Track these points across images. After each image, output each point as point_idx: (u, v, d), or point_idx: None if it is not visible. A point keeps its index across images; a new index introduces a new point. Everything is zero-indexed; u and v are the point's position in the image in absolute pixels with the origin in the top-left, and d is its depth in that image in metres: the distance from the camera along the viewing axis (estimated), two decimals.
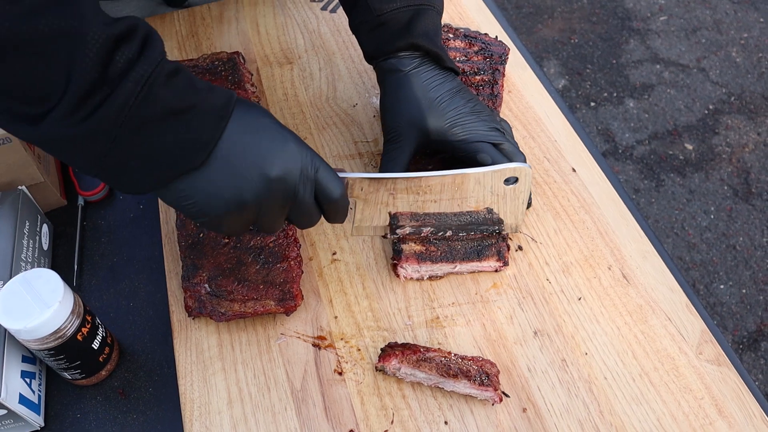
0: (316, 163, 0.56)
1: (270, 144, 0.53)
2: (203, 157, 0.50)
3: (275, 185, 0.53)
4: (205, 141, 0.50)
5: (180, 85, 0.49)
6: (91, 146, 0.46)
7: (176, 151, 0.49)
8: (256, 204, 0.54)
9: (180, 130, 0.49)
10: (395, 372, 0.63)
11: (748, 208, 2.05)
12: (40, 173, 0.78)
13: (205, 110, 0.50)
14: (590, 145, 0.85)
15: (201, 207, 0.52)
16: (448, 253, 0.71)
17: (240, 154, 0.52)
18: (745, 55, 2.49)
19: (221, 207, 0.53)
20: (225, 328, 0.69)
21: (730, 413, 0.64)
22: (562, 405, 0.64)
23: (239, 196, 0.52)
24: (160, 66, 0.47)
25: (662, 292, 0.72)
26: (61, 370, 0.66)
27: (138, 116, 0.46)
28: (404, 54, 0.71)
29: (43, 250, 0.77)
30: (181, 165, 0.50)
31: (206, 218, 0.54)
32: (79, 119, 0.44)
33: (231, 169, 0.51)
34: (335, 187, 0.58)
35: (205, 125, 0.50)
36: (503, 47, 0.90)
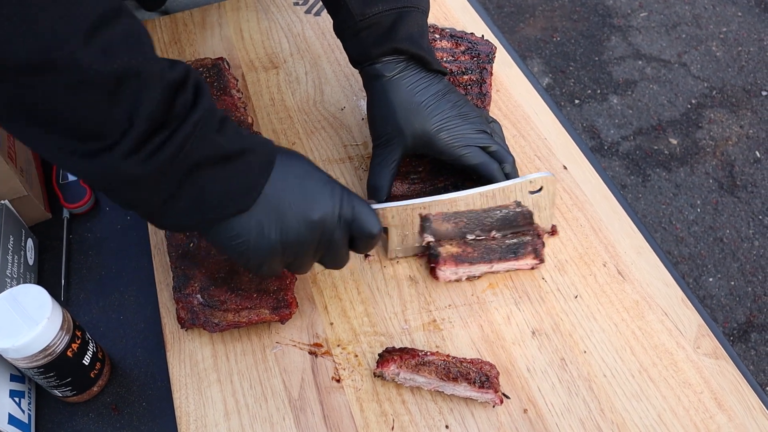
0: (352, 202, 0.58)
1: (311, 187, 0.56)
2: (253, 200, 0.53)
3: (316, 228, 0.56)
4: (254, 184, 0.53)
5: (230, 131, 0.51)
6: (146, 185, 0.48)
7: (227, 194, 0.51)
8: (297, 246, 0.56)
9: (232, 174, 0.51)
10: (394, 377, 0.63)
11: (734, 201, 2.07)
12: (23, 186, 0.76)
13: (255, 155, 0.53)
14: (580, 141, 0.85)
15: (248, 246, 0.54)
16: (485, 254, 0.71)
17: (284, 198, 0.54)
18: (725, 49, 2.52)
19: (267, 247, 0.55)
20: (219, 338, 0.68)
21: (729, 406, 0.64)
22: (563, 404, 0.64)
23: (284, 237, 0.55)
24: (213, 112, 0.50)
25: (657, 287, 0.72)
26: (51, 387, 0.64)
27: (194, 159, 0.48)
28: (388, 59, 0.71)
29: (29, 265, 0.75)
30: (231, 207, 0.52)
31: (253, 257, 0.55)
32: (140, 159, 0.46)
33: (276, 211, 0.54)
34: (373, 224, 0.59)
35: (255, 169, 0.53)
36: (490, 46, 0.90)
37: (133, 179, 0.47)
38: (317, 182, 0.56)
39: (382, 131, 0.72)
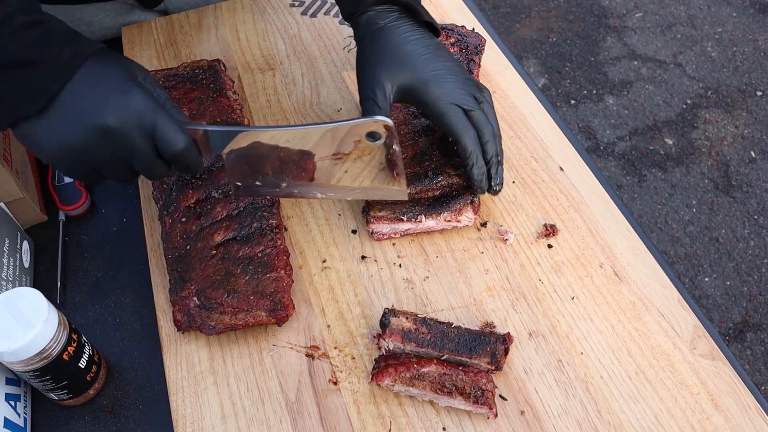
0: (154, 114, 0.57)
1: (107, 95, 0.56)
2: (39, 106, 0.54)
3: (107, 135, 0.56)
4: (42, 92, 0.54)
5: (31, 38, 0.53)
6: None
7: (17, 99, 0.54)
8: (87, 151, 0.57)
9: (21, 80, 0.53)
10: (389, 388, 0.62)
11: (729, 201, 2.07)
12: (18, 189, 0.76)
13: (49, 63, 0.54)
14: (576, 143, 0.85)
15: (40, 149, 0.57)
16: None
17: (77, 105, 0.55)
18: (720, 50, 2.52)
19: (56, 152, 0.56)
20: (216, 341, 0.68)
21: (726, 407, 0.64)
22: (560, 406, 0.64)
23: (68, 142, 0.56)
24: (13, 18, 0.52)
25: (654, 288, 0.72)
26: (47, 391, 0.64)
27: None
28: (381, 8, 0.72)
29: (25, 268, 0.75)
30: (19, 111, 0.55)
31: (48, 160, 0.58)
32: None
33: (66, 118, 0.55)
34: (175, 140, 0.58)
35: (46, 77, 0.54)
36: (479, 38, 0.91)
37: None
38: (116, 91, 0.56)
39: (370, 80, 0.70)
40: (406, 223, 0.73)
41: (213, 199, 0.73)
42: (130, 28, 1.00)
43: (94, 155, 0.57)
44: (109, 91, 0.56)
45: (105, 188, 0.86)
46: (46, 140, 0.56)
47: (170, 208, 0.73)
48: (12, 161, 0.77)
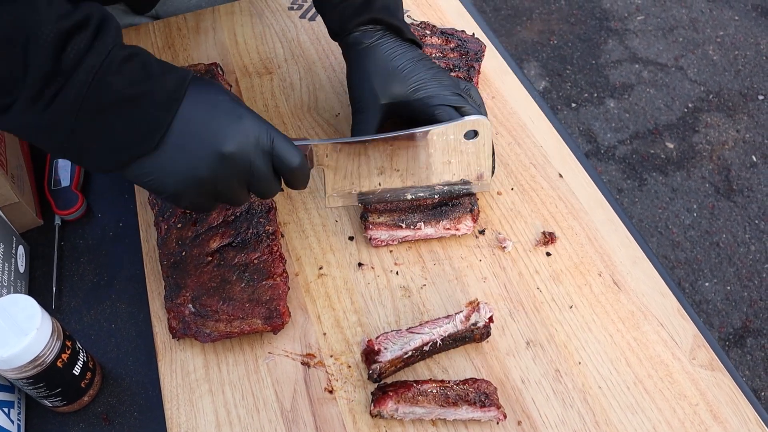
0: (271, 135, 0.58)
1: (222, 120, 0.55)
2: (156, 140, 0.53)
3: (229, 160, 0.55)
4: (156, 125, 0.53)
5: (134, 71, 0.51)
6: (54, 133, 0.50)
7: (130, 136, 0.52)
8: (211, 179, 0.56)
9: (132, 116, 0.51)
10: (393, 414, 0.61)
11: (730, 205, 2.07)
12: (13, 193, 0.75)
13: (156, 96, 0.52)
14: (576, 149, 0.85)
15: (158, 184, 0.55)
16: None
17: (191, 134, 0.54)
18: (721, 53, 2.52)
19: (177, 184, 0.55)
20: (211, 348, 0.68)
21: (725, 418, 0.63)
22: (558, 416, 0.63)
23: (193, 173, 0.55)
24: (113, 54, 0.50)
25: (653, 297, 0.71)
26: (41, 398, 0.64)
27: (92, 104, 0.49)
28: (366, 28, 0.74)
29: (20, 273, 0.75)
30: (135, 149, 0.53)
31: (165, 194, 0.56)
32: (40, 109, 0.48)
33: (183, 148, 0.54)
34: (293, 156, 0.59)
35: (156, 110, 0.53)
36: (479, 44, 0.90)
37: (40, 129, 0.49)
38: (230, 115, 0.56)
39: (360, 96, 0.74)
40: (404, 230, 0.73)
41: None
42: (128, 32, 0.99)
43: (216, 182, 0.56)
44: (224, 116, 0.56)
45: (101, 192, 0.85)
46: (168, 174, 0.54)
47: (166, 214, 0.72)
48: (7, 165, 0.77)
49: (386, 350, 0.62)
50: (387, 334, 0.64)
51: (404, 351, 0.62)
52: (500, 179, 0.81)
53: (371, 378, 0.63)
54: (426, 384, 0.61)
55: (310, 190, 0.80)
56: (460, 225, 0.73)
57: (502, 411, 0.61)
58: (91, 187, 0.86)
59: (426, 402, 0.60)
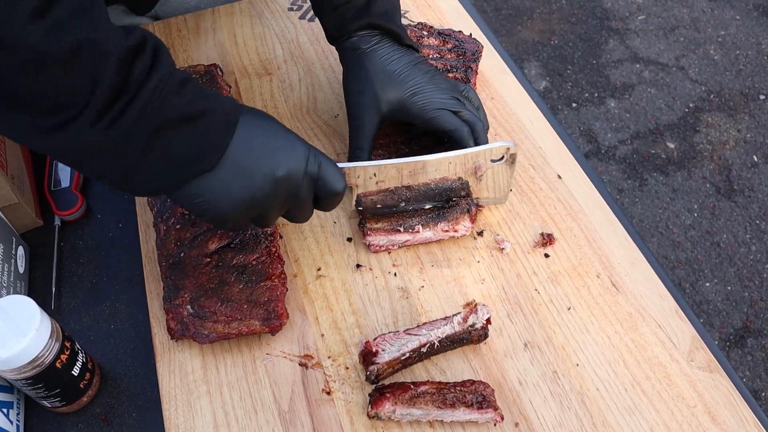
0: (318, 159, 0.60)
1: (275, 145, 0.57)
2: (216, 159, 0.54)
3: (281, 184, 0.57)
4: (217, 145, 0.54)
5: (191, 93, 0.52)
6: (113, 152, 0.49)
7: (191, 155, 0.52)
8: (262, 202, 0.57)
9: (194, 135, 0.52)
10: (390, 416, 0.61)
11: (731, 205, 2.07)
12: (13, 194, 0.76)
13: (216, 116, 0.53)
14: (575, 150, 0.85)
15: (212, 204, 0.56)
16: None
17: (248, 156, 0.55)
18: (722, 53, 2.51)
19: (231, 205, 0.56)
20: (209, 349, 0.68)
21: (723, 420, 0.64)
22: (555, 418, 0.63)
23: (249, 194, 0.56)
24: (172, 75, 0.50)
25: (651, 299, 0.71)
26: (40, 398, 0.64)
27: (156, 122, 0.49)
28: (364, 33, 0.75)
29: (20, 273, 0.75)
30: (196, 168, 0.53)
31: (216, 215, 0.57)
32: (104, 126, 0.47)
33: (241, 170, 0.55)
34: (338, 181, 0.61)
35: (217, 130, 0.54)
36: (477, 44, 0.90)
37: (98, 148, 0.48)
38: (282, 139, 0.58)
39: (356, 101, 0.75)
40: (403, 234, 0.73)
41: None
42: None
43: (263, 205, 0.57)
44: (276, 141, 0.57)
45: (101, 193, 0.85)
46: (222, 195, 0.55)
47: (165, 215, 0.72)
48: (7, 166, 0.77)
49: (384, 352, 0.62)
50: (385, 336, 0.64)
51: (402, 352, 0.63)
52: None
53: (369, 379, 0.63)
54: (423, 385, 0.62)
55: None
56: (458, 226, 0.73)
57: (500, 413, 0.61)
58: (90, 188, 0.86)
59: (423, 403, 0.60)
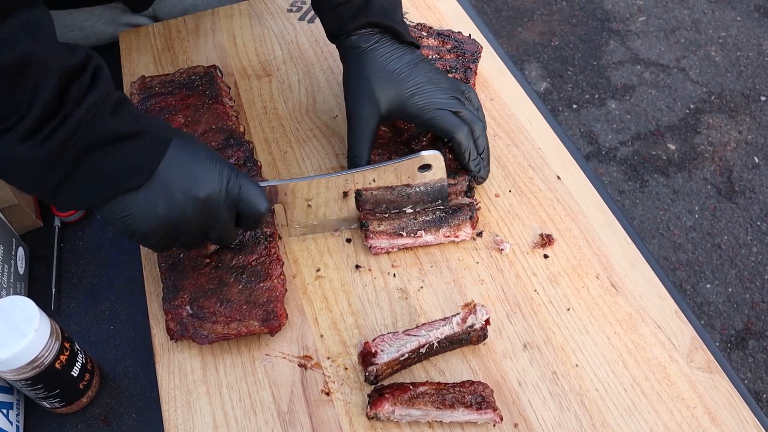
0: (239, 181, 0.61)
1: (199, 168, 0.58)
2: (144, 179, 0.56)
3: (201, 206, 0.59)
4: (147, 163, 0.56)
5: (126, 114, 0.54)
6: (43, 167, 0.50)
7: (121, 172, 0.54)
8: (182, 222, 0.59)
9: (125, 154, 0.54)
10: (389, 416, 0.61)
11: (732, 207, 2.06)
12: (13, 195, 0.76)
13: (149, 136, 0.56)
14: (574, 151, 0.85)
15: (135, 221, 0.57)
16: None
17: (175, 177, 0.57)
18: (723, 54, 2.51)
19: (154, 223, 0.58)
20: (208, 350, 0.68)
21: (722, 421, 0.63)
22: (554, 419, 0.63)
23: (168, 214, 0.57)
24: (110, 96, 0.53)
25: (651, 299, 0.71)
26: (39, 399, 0.64)
27: (88, 141, 0.51)
28: (363, 31, 0.74)
29: (19, 274, 0.75)
30: (124, 184, 0.55)
31: (139, 232, 0.58)
32: (36, 142, 0.48)
33: (165, 189, 0.57)
34: (260, 202, 0.62)
35: (148, 149, 0.56)
36: (476, 45, 0.90)
37: (28, 163, 0.49)
38: (206, 162, 0.59)
39: (356, 100, 0.75)
40: (404, 239, 0.73)
41: None
42: (127, 33, 1.00)
43: (183, 225, 0.59)
44: (201, 164, 0.59)
45: None
46: (145, 213, 0.57)
47: None
48: None
49: (383, 352, 0.62)
50: (384, 336, 0.64)
51: (401, 353, 0.63)
52: (498, 181, 0.81)
53: (368, 380, 0.63)
54: (422, 386, 0.61)
55: None
56: (460, 232, 0.73)
57: (499, 413, 0.61)
58: None
59: (422, 404, 0.60)
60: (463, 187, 0.76)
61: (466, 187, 0.76)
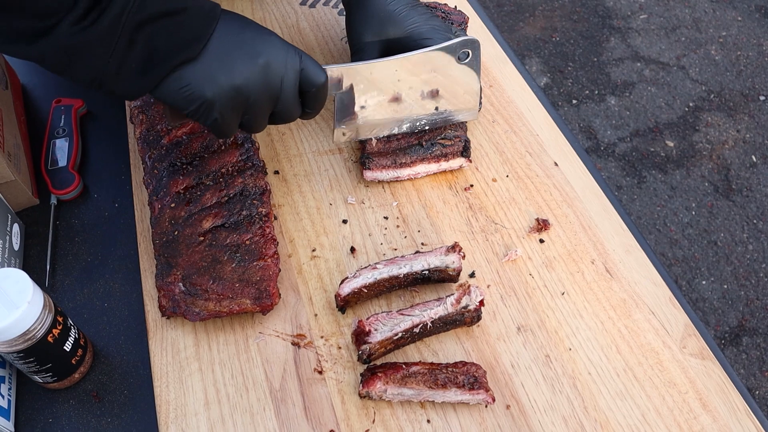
0: (299, 52, 0.63)
1: (256, 37, 0.60)
2: (198, 49, 0.57)
3: (263, 71, 0.60)
4: (198, 36, 0.57)
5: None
6: (100, 49, 0.52)
7: (173, 47, 0.56)
8: (245, 88, 0.60)
9: (176, 26, 0.55)
10: (381, 395, 0.61)
11: (729, 205, 2.07)
12: (10, 171, 0.75)
13: (197, 10, 0.57)
14: (572, 139, 0.85)
15: (196, 91, 0.58)
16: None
17: (230, 45, 0.59)
18: (723, 53, 2.51)
19: (216, 91, 0.58)
20: (202, 327, 0.68)
21: (714, 407, 0.64)
22: (546, 401, 0.63)
23: (231, 79, 0.59)
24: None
25: (645, 286, 0.71)
26: (31, 373, 0.64)
27: (138, 17, 0.53)
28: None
29: (14, 251, 0.75)
30: (179, 56, 0.56)
31: (202, 101, 0.59)
32: (86, 26, 0.51)
33: (223, 57, 0.58)
34: (319, 74, 0.64)
35: (197, 23, 0.57)
36: (463, 16, 0.91)
37: (83, 46, 0.52)
38: (262, 32, 0.61)
39: (360, 39, 0.78)
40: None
41: (203, 186, 0.72)
42: None
43: (249, 92, 0.60)
44: (257, 35, 0.60)
45: (97, 173, 0.85)
46: (206, 81, 0.58)
47: (160, 194, 0.72)
48: (4, 144, 0.77)
49: (376, 331, 0.62)
50: (377, 315, 0.64)
51: (394, 332, 0.63)
52: (495, 166, 0.81)
53: (361, 359, 0.63)
54: (415, 366, 0.61)
55: (305, 173, 0.80)
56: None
57: (491, 394, 0.61)
58: (87, 167, 0.86)
59: (415, 383, 0.60)
60: (459, 147, 0.77)
61: (462, 147, 0.78)
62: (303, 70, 0.63)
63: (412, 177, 0.79)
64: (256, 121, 0.64)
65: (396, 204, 0.77)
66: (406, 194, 0.78)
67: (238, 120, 0.63)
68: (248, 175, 0.73)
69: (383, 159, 0.77)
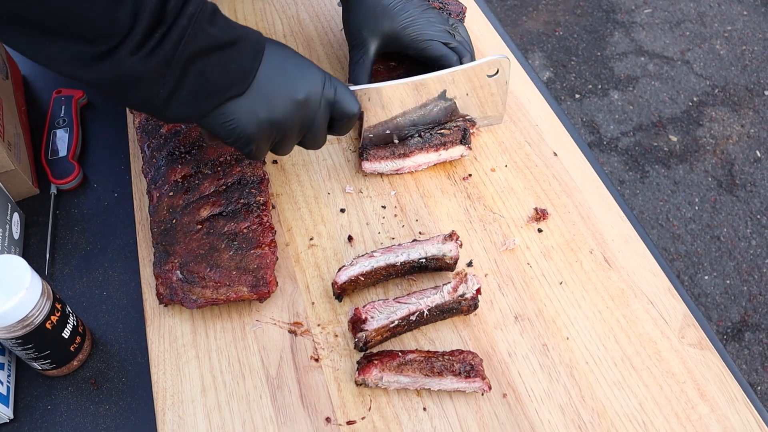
0: (334, 84, 0.64)
1: (296, 72, 0.61)
2: (246, 85, 0.58)
3: (300, 107, 0.62)
4: (247, 71, 0.58)
5: (222, 22, 0.56)
6: (155, 78, 0.53)
7: (225, 80, 0.57)
8: (282, 124, 0.61)
9: (227, 61, 0.56)
10: (377, 382, 0.61)
11: (732, 200, 2.06)
12: (10, 161, 0.76)
13: (246, 43, 0.58)
14: (571, 129, 0.84)
15: (239, 125, 0.59)
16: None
17: (273, 81, 0.60)
18: (728, 48, 2.50)
19: (256, 126, 0.60)
20: (199, 315, 0.68)
21: (712, 397, 0.63)
22: (543, 390, 0.63)
23: (271, 116, 0.60)
24: (204, 6, 0.54)
25: (644, 276, 0.71)
26: (30, 360, 0.64)
27: (192, 49, 0.53)
28: None
29: (14, 239, 0.75)
30: (228, 92, 0.57)
31: (243, 135, 0.60)
32: (144, 55, 0.51)
33: (266, 93, 0.60)
34: (353, 104, 0.66)
35: (247, 56, 0.58)
36: (460, 6, 0.91)
37: (139, 75, 0.52)
38: (302, 66, 0.62)
39: (356, 33, 0.79)
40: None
41: (201, 175, 0.72)
42: None
43: (285, 127, 0.62)
44: (296, 67, 0.62)
45: (97, 163, 0.85)
46: (249, 116, 0.59)
47: (158, 182, 0.72)
48: (5, 133, 0.77)
49: (373, 319, 0.62)
50: (374, 303, 0.64)
51: (391, 320, 0.63)
52: (494, 156, 0.81)
53: (357, 346, 0.63)
54: (411, 353, 0.61)
55: (303, 162, 0.80)
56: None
57: (487, 382, 0.61)
58: (87, 157, 0.86)
59: (411, 371, 0.60)
60: (458, 136, 0.78)
61: (461, 135, 0.78)
62: (337, 102, 0.64)
63: (413, 170, 0.79)
64: (286, 147, 0.65)
65: (394, 193, 0.77)
66: (404, 184, 0.78)
67: (270, 147, 0.65)
68: (246, 164, 0.73)
69: (381, 150, 0.77)
